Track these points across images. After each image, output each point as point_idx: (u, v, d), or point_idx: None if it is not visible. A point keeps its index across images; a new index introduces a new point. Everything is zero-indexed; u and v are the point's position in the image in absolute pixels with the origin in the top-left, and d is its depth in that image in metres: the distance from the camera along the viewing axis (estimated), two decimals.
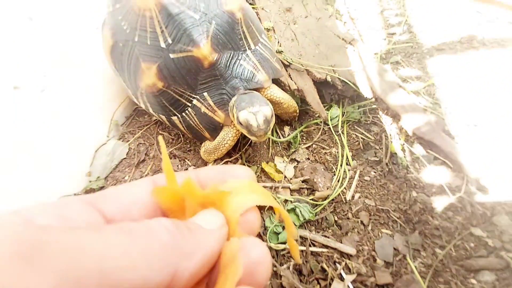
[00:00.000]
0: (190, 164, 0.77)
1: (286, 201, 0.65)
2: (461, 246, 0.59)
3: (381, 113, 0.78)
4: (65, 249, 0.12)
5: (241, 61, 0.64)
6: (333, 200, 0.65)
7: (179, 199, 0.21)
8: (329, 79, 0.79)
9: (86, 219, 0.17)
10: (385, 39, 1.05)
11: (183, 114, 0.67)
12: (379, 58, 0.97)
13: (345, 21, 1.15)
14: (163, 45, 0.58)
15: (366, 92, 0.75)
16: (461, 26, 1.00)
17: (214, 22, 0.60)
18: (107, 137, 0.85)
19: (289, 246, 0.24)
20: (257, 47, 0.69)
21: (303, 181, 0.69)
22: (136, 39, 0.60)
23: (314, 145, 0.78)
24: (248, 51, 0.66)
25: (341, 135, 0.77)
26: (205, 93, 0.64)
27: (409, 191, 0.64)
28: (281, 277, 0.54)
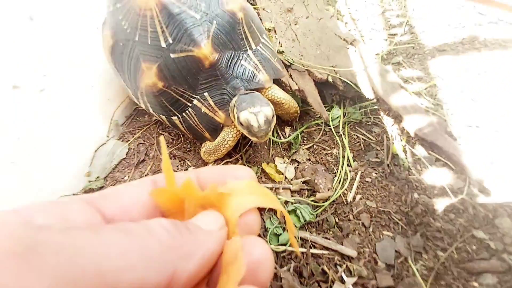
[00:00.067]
0: (190, 164, 0.77)
1: (286, 202, 0.65)
2: (463, 249, 0.58)
3: (383, 114, 0.78)
4: (62, 248, 0.12)
5: (242, 61, 0.64)
6: (334, 201, 0.65)
7: (178, 200, 0.21)
8: (330, 80, 0.79)
9: (85, 219, 0.17)
10: (386, 39, 1.05)
11: (184, 114, 0.67)
12: (380, 58, 0.97)
13: (346, 22, 1.14)
14: (163, 44, 0.58)
15: (367, 93, 0.75)
16: (463, 27, 1.00)
17: (215, 22, 0.60)
18: (107, 137, 0.84)
19: (290, 242, 0.24)
20: (258, 47, 0.68)
21: (303, 182, 0.69)
22: (136, 39, 0.60)
23: (315, 146, 0.77)
24: (249, 51, 0.66)
25: (342, 136, 0.77)
26: (205, 93, 0.63)
27: (410, 192, 0.64)
28: (281, 279, 0.53)
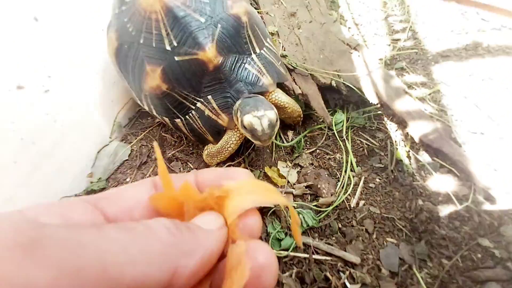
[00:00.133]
0: (192, 167, 0.76)
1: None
2: (468, 257, 0.58)
3: (386, 119, 0.78)
4: (65, 243, 0.13)
5: (246, 65, 0.64)
6: (337, 206, 0.64)
7: (177, 204, 0.21)
8: (333, 84, 0.78)
9: (88, 220, 0.18)
10: (389, 45, 1.05)
11: (187, 117, 0.67)
12: (383, 64, 0.97)
13: (349, 27, 1.15)
14: (168, 47, 0.58)
15: (371, 98, 0.74)
16: (466, 33, 1.00)
17: (219, 25, 0.60)
18: (109, 138, 0.84)
19: (292, 231, 0.25)
20: (262, 51, 0.69)
21: (306, 186, 0.68)
22: (141, 41, 0.60)
23: (318, 150, 0.77)
24: (253, 55, 0.66)
25: (345, 140, 0.76)
26: (209, 96, 0.63)
27: (415, 199, 0.63)
28: (283, 285, 0.53)
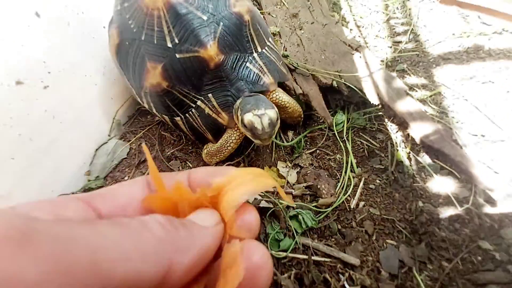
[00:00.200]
0: (191, 166, 0.76)
1: (288, 207, 0.64)
2: (468, 259, 0.57)
3: (387, 120, 0.77)
4: (57, 237, 0.13)
5: (247, 64, 0.64)
6: (336, 207, 0.63)
7: (171, 204, 0.21)
8: (335, 85, 0.78)
9: (80, 217, 0.17)
10: (391, 47, 1.05)
11: (187, 115, 0.66)
12: (385, 65, 0.97)
13: (351, 28, 1.15)
14: (169, 44, 0.58)
15: (372, 99, 0.74)
16: (468, 36, 1.00)
17: (222, 23, 0.59)
18: (108, 136, 0.84)
19: (283, 198, 0.25)
20: (263, 50, 0.68)
21: (306, 187, 0.68)
22: (142, 38, 0.60)
23: (318, 151, 0.76)
24: (255, 54, 0.66)
25: (346, 141, 0.76)
26: (209, 95, 0.63)
27: (415, 201, 0.63)
28: (282, 286, 0.52)
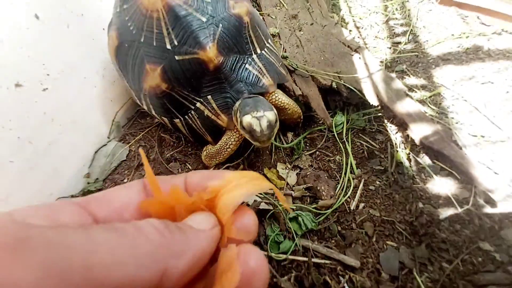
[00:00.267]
0: (191, 168, 0.75)
1: None
2: (468, 261, 0.57)
3: (387, 121, 0.77)
4: (51, 243, 0.13)
5: (246, 65, 0.64)
6: (336, 209, 0.63)
7: (168, 208, 0.21)
8: (334, 86, 0.78)
9: (76, 222, 0.18)
10: (390, 48, 1.05)
11: (186, 117, 0.66)
12: (384, 66, 0.97)
13: (350, 29, 1.15)
14: (169, 46, 0.58)
15: (372, 100, 0.74)
16: (467, 37, 1.00)
17: (221, 25, 0.59)
18: (107, 138, 0.84)
19: (280, 201, 0.25)
20: (263, 51, 0.68)
21: (306, 188, 0.68)
22: (142, 40, 0.60)
23: (318, 152, 0.76)
24: (254, 55, 0.66)
25: (345, 142, 0.76)
26: (209, 96, 0.63)
27: (415, 202, 0.63)
28: None
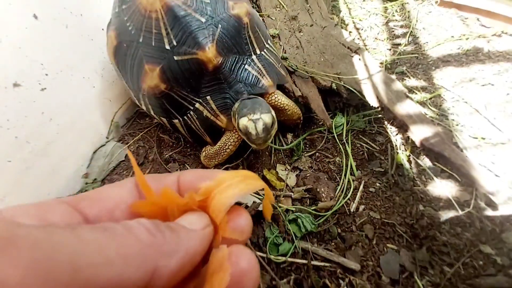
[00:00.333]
0: (190, 168, 0.75)
1: (287, 210, 0.63)
2: (469, 264, 0.56)
3: (387, 123, 0.77)
4: (38, 243, 0.13)
5: (246, 66, 0.63)
6: (336, 211, 0.63)
7: (160, 209, 0.21)
8: (334, 87, 0.78)
9: (65, 221, 0.17)
10: (390, 49, 1.05)
11: (185, 117, 0.66)
12: (384, 68, 0.97)
13: (350, 31, 1.15)
14: (167, 47, 0.58)
15: (372, 101, 0.74)
16: (467, 39, 1.00)
17: (220, 25, 0.59)
18: (106, 138, 0.83)
19: (263, 207, 0.25)
20: (262, 52, 0.68)
21: (305, 190, 0.67)
22: (140, 40, 0.60)
23: (318, 154, 0.76)
24: (253, 56, 0.65)
25: (345, 144, 0.75)
26: (208, 97, 0.63)
27: (415, 204, 0.62)
28: None
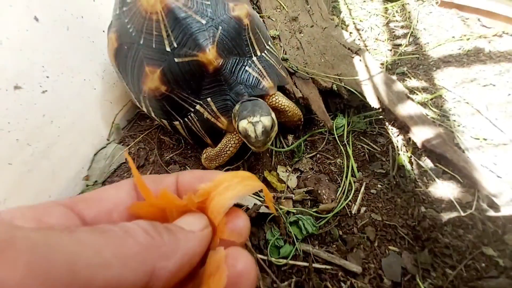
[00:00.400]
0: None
1: (288, 212, 0.63)
2: (472, 266, 0.56)
3: (388, 124, 0.77)
4: (36, 245, 0.13)
5: (246, 67, 0.63)
6: (337, 213, 0.62)
7: (159, 210, 0.21)
8: (334, 88, 0.78)
9: (62, 223, 0.18)
10: (390, 50, 1.05)
11: (185, 119, 0.66)
12: (385, 69, 0.96)
13: (350, 32, 1.15)
14: (168, 48, 0.58)
15: (372, 102, 0.73)
16: (468, 39, 1.00)
17: (220, 27, 0.59)
18: (107, 140, 0.83)
19: (268, 205, 0.25)
20: (263, 53, 0.68)
21: (306, 192, 0.67)
22: (141, 42, 0.60)
23: (318, 155, 0.75)
24: (254, 58, 0.65)
25: (346, 145, 0.75)
26: (208, 99, 0.62)
27: (417, 206, 0.62)
28: None
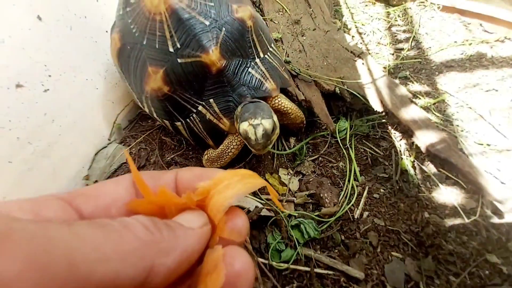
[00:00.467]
0: None
1: (290, 216, 0.62)
2: (475, 274, 0.55)
3: (391, 128, 0.76)
4: (33, 237, 0.12)
5: (249, 69, 0.63)
6: (340, 217, 0.62)
7: (158, 208, 0.20)
8: (337, 91, 0.77)
9: (60, 217, 0.17)
10: (393, 54, 1.05)
11: (188, 120, 0.65)
12: (387, 72, 0.96)
13: (353, 35, 1.15)
14: (171, 49, 0.57)
15: (375, 106, 0.73)
16: (470, 44, 1.00)
17: (224, 28, 0.59)
18: (108, 140, 0.83)
19: (273, 201, 0.25)
20: (266, 55, 0.68)
21: (308, 195, 0.66)
22: (144, 43, 0.59)
23: (321, 158, 0.75)
24: (257, 59, 0.65)
25: (349, 148, 0.74)
26: (211, 100, 0.62)
27: (421, 211, 0.61)
28: None
